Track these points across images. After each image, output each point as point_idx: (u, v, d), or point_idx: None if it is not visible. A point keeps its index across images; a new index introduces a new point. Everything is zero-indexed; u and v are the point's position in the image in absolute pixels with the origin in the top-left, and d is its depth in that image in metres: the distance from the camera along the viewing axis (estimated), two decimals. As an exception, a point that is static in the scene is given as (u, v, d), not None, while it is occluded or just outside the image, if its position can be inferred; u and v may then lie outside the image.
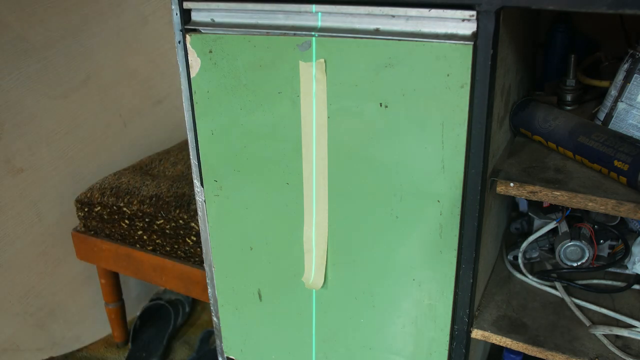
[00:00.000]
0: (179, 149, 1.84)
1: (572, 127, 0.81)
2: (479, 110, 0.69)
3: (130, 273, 1.63)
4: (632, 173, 0.71)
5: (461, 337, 0.84)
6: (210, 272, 1.04)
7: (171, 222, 1.45)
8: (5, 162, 1.50)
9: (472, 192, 0.74)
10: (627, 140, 0.75)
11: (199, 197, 0.97)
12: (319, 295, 0.92)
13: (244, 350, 1.07)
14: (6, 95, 1.46)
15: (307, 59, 0.76)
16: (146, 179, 1.61)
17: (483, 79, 0.67)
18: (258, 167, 0.88)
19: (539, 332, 0.84)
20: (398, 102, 0.73)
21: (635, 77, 0.80)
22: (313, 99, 0.78)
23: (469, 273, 0.79)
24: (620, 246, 0.95)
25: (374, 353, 0.93)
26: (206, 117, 0.88)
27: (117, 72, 1.75)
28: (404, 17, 0.68)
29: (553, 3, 0.61)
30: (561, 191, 0.74)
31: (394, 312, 0.87)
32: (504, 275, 0.98)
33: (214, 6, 0.80)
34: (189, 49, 0.84)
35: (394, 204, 0.80)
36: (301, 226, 0.88)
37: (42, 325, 1.70)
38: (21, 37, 1.48)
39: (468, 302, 0.81)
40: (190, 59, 0.85)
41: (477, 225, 0.75)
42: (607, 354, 0.80)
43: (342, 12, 0.72)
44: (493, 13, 0.64)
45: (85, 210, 1.60)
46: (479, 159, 0.72)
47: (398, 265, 0.84)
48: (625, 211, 0.70)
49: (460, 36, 0.67)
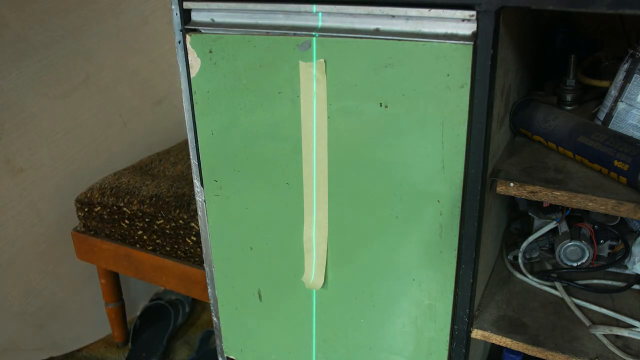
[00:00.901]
0: (179, 149, 1.84)
1: (572, 127, 0.81)
2: (479, 110, 0.69)
3: (130, 273, 1.63)
4: (632, 173, 0.71)
5: (461, 337, 0.84)
6: (210, 272, 1.04)
7: (171, 222, 1.45)
8: (5, 162, 1.50)
9: (472, 192, 0.74)
10: (627, 140, 0.75)
11: (199, 197, 0.97)
12: (319, 295, 0.92)
13: (244, 350, 1.07)
14: (6, 95, 1.46)
15: (307, 59, 0.77)
16: (146, 179, 1.61)
17: (483, 79, 0.67)
18: (258, 167, 0.88)
19: (539, 332, 0.84)
20: (398, 102, 0.73)
21: (635, 77, 0.80)
22: (313, 99, 0.78)
23: (469, 273, 0.79)
24: (620, 246, 0.95)
25: (374, 353, 0.93)
26: (206, 117, 0.88)
27: (117, 72, 1.75)
28: (403, 17, 0.68)
29: (553, 3, 0.61)
30: (561, 191, 0.74)
31: (394, 312, 0.87)
32: (504, 275, 0.98)
33: (214, 6, 0.80)
34: (189, 49, 0.84)
35: (394, 204, 0.80)
36: (301, 226, 0.88)
37: (42, 325, 1.70)
38: (21, 37, 1.48)
39: (468, 302, 0.81)
40: (190, 59, 0.85)
41: (477, 225, 0.75)
42: (607, 354, 0.80)
43: (342, 12, 0.72)
44: (493, 13, 0.64)
45: (85, 210, 1.60)
46: (479, 159, 0.72)
47: (398, 265, 0.84)
48: (625, 211, 0.70)
49: (460, 36, 0.67)
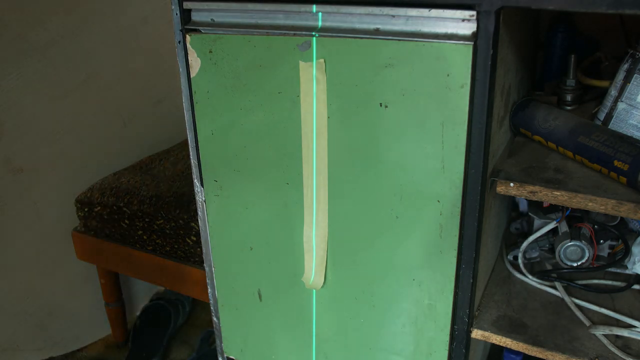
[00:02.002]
0: (179, 149, 1.84)
1: (572, 127, 0.81)
2: (479, 110, 0.69)
3: (130, 273, 1.63)
4: (632, 173, 0.71)
5: (461, 337, 0.84)
6: (210, 272, 1.04)
7: (171, 222, 1.45)
8: (5, 162, 1.50)
9: (472, 192, 0.74)
10: (627, 140, 0.75)
11: (199, 197, 0.97)
12: (319, 295, 0.92)
13: (244, 350, 1.07)
14: (6, 95, 1.46)
15: (307, 59, 0.77)
16: (146, 179, 1.61)
17: (483, 79, 0.67)
18: (258, 167, 0.88)
19: (539, 332, 0.84)
20: (398, 102, 0.73)
21: (635, 77, 0.80)
22: (313, 99, 0.78)
23: (469, 273, 0.79)
24: (620, 246, 0.95)
25: (374, 353, 0.93)
26: (206, 117, 0.88)
27: (117, 72, 1.75)
28: (404, 17, 0.68)
29: (553, 3, 0.61)
30: (561, 191, 0.74)
31: (394, 312, 0.87)
32: (504, 275, 0.98)
33: (214, 6, 0.80)
34: (189, 49, 0.84)
35: (394, 204, 0.80)
36: (301, 226, 0.88)
37: (41, 325, 1.70)
38: (21, 37, 1.48)
39: (468, 302, 0.81)
40: (190, 59, 0.85)
41: (477, 225, 0.75)
42: (607, 354, 0.80)
43: (342, 12, 0.72)
44: (493, 13, 0.64)
45: (85, 210, 1.60)
46: (479, 159, 0.72)
47: (398, 265, 0.84)
48: (625, 211, 0.70)
49: (460, 36, 0.67)
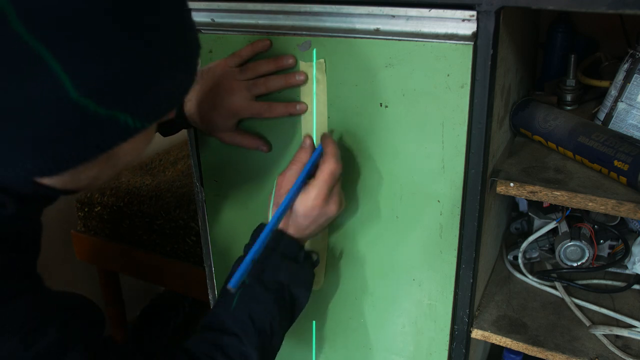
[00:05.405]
0: (179, 149, 1.84)
1: (572, 127, 0.81)
2: (479, 110, 0.69)
3: (130, 273, 1.63)
4: (632, 173, 0.71)
5: (461, 337, 0.84)
6: (210, 272, 1.04)
7: (171, 222, 1.45)
8: (5, 162, 1.50)
9: (472, 192, 0.74)
10: (627, 140, 0.75)
11: (199, 197, 0.97)
12: (319, 295, 0.92)
13: (244, 350, 1.07)
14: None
15: (307, 59, 0.77)
16: (146, 179, 1.61)
17: (483, 79, 0.67)
18: (258, 167, 0.88)
19: (539, 332, 0.84)
20: (398, 102, 0.73)
21: (635, 77, 0.80)
22: (313, 99, 0.78)
23: (469, 273, 0.79)
24: (620, 246, 0.95)
25: (374, 353, 0.93)
26: (206, 117, 0.88)
27: (117, 72, 1.74)
28: (404, 17, 0.68)
29: (553, 3, 0.61)
30: (561, 191, 0.74)
31: (394, 312, 0.87)
32: (504, 275, 0.98)
33: (214, 6, 0.80)
34: (189, 49, 0.84)
35: (394, 203, 0.80)
36: (301, 226, 0.88)
37: (42, 325, 1.70)
38: (21, 37, 1.47)
39: (468, 302, 0.81)
40: (190, 59, 0.84)
41: (477, 225, 0.75)
42: (607, 354, 0.80)
43: (342, 12, 0.72)
44: (493, 13, 0.64)
45: (85, 210, 1.60)
46: (479, 159, 0.72)
47: (398, 265, 0.83)
48: (625, 211, 0.70)
49: (460, 36, 0.67)
